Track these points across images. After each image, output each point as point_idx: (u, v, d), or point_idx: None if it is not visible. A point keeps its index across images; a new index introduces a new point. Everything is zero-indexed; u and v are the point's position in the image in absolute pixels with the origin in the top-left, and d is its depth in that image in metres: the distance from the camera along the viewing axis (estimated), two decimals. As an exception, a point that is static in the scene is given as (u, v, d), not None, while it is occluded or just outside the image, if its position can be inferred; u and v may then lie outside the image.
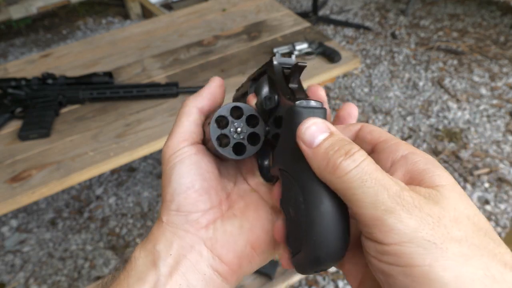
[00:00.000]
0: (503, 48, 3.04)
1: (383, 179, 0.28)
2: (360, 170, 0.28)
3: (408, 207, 0.27)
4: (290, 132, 0.33)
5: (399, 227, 0.26)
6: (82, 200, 2.21)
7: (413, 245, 0.26)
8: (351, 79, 2.90)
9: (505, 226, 1.99)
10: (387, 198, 0.27)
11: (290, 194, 0.33)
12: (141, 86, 1.43)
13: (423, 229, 0.26)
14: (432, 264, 0.25)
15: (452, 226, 0.26)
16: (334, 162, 0.29)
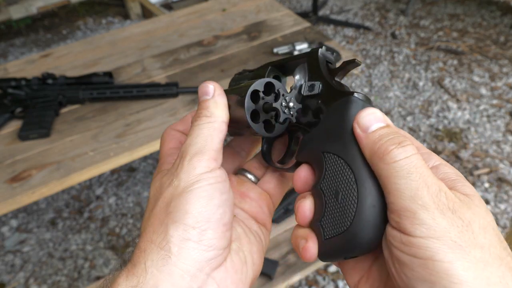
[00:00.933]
0: (503, 48, 3.04)
1: (428, 176, 0.30)
2: (409, 162, 0.30)
3: (442, 208, 0.29)
4: (342, 119, 0.35)
5: (431, 223, 0.28)
6: (82, 200, 2.21)
7: (439, 242, 0.28)
8: (351, 79, 2.90)
9: (505, 226, 1.99)
10: (426, 194, 0.29)
11: (337, 179, 0.34)
12: (141, 86, 1.43)
13: (452, 230, 0.28)
14: (453, 262, 0.27)
15: (479, 233, 0.28)
16: (386, 148, 0.31)
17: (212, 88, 0.41)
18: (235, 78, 0.48)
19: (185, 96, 1.46)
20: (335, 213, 0.34)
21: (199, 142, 0.37)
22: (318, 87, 0.38)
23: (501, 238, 0.29)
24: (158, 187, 0.38)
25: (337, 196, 0.34)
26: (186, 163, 0.36)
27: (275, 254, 1.52)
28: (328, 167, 0.35)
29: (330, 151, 0.35)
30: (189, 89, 1.45)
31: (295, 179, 0.39)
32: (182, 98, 1.45)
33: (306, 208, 0.36)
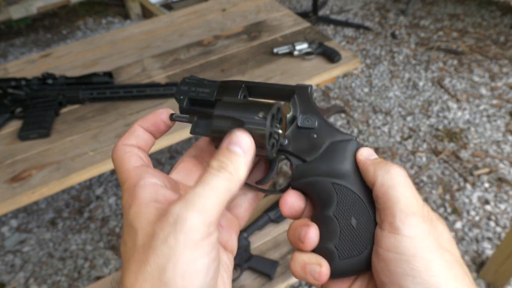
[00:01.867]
0: (503, 48, 3.04)
1: (416, 193, 0.38)
2: (406, 180, 0.38)
3: (424, 218, 0.36)
4: (348, 157, 0.41)
5: (418, 227, 0.35)
6: (82, 200, 2.21)
7: (423, 243, 0.35)
8: (351, 79, 2.90)
9: (505, 226, 1.99)
10: (416, 204, 0.37)
11: (350, 206, 0.40)
12: (141, 86, 1.43)
13: (431, 235, 0.36)
14: (432, 260, 0.34)
15: (446, 242, 0.37)
16: (391, 165, 0.39)
17: (249, 146, 0.38)
18: (186, 82, 0.46)
19: (185, 96, 1.46)
20: (352, 237, 0.39)
21: (210, 201, 0.34)
22: (314, 121, 0.43)
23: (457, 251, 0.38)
24: (149, 231, 0.33)
25: (352, 221, 0.39)
26: (190, 218, 0.32)
27: (275, 254, 1.52)
28: (340, 196, 0.40)
29: (339, 183, 0.40)
30: (189, 89, 1.45)
31: (284, 203, 0.42)
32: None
33: (314, 235, 0.39)
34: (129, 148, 0.41)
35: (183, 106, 0.45)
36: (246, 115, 0.40)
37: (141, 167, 0.39)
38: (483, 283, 1.81)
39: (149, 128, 0.43)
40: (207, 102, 0.44)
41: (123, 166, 0.39)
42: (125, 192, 0.37)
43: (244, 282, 1.46)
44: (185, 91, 0.45)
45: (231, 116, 0.41)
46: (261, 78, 1.51)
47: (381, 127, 2.53)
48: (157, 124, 0.43)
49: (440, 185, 2.19)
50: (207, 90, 0.44)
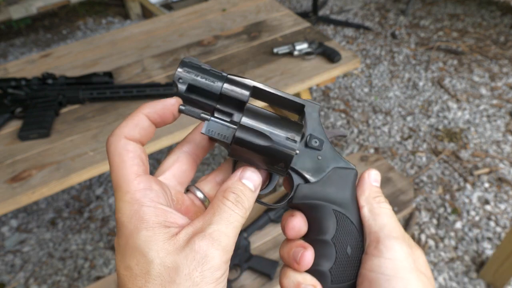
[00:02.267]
0: (503, 48, 3.04)
1: (398, 223, 0.42)
2: (391, 212, 0.43)
3: (405, 243, 0.40)
4: (349, 186, 0.43)
5: (398, 249, 0.39)
6: (82, 200, 2.21)
7: (402, 264, 0.39)
8: (351, 79, 2.90)
9: (505, 226, 1.99)
10: (398, 231, 0.41)
11: (346, 234, 0.42)
12: (141, 86, 1.43)
13: (410, 259, 0.39)
14: (410, 280, 0.38)
15: (422, 265, 0.40)
16: (381, 198, 0.43)
17: (259, 184, 0.40)
18: (187, 64, 0.42)
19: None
20: (346, 264, 0.41)
21: (231, 239, 0.35)
22: (322, 144, 0.43)
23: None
24: (169, 263, 0.33)
25: (347, 249, 0.41)
26: (217, 257, 0.34)
27: (275, 254, 1.52)
28: (340, 224, 0.42)
29: (341, 211, 0.42)
30: (189, 89, 1.45)
31: (294, 225, 0.42)
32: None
33: (310, 258, 0.41)
34: (132, 145, 0.38)
35: (182, 91, 0.41)
36: (275, 132, 0.40)
37: (144, 179, 0.37)
38: (483, 283, 1.80)
39: (154, 118, 0.40)
40: (211, 94, 0.41)
41: (122, 170, 0.37)
42: (125, 206, 0.35)
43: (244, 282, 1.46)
44: (185, 75, 0.41)
45: (260, 130, 0.39)
46: (261, 78, 1.51)
47: (381, 127, 2.53)
48: (164, 115, 0.40)
49: (440, 185, 2.19)
50: (212, 82, 0.41)
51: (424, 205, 2.10)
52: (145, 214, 0.35)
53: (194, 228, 0.35)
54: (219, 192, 0.38)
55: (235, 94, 0.41)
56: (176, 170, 0.42)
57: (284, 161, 0.40)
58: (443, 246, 1.94)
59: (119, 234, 0.36)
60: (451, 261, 1.88)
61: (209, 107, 0.42)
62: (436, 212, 2.07)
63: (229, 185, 0.38)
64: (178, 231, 0.35)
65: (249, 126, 0.40)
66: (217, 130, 0.41)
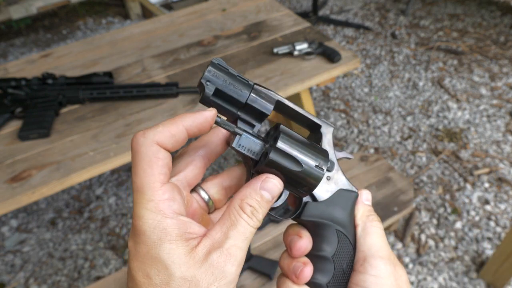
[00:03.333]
0: (503, 48, 3.04)
1: (387, 242, 0.45)
2: (381, 231, 0.46)
3: (390, 262, 0.43)
4: (350, 208, 0.46)
5: (382, 268, 0.43)
6: (82, 200, 2.21)
7: (384, 281, 0.42)
8: (351, 79, 2.90)
9: (505, 226, 1.99)
10: (385, 251, 0.44)
11: (344, 253, 0.44)
12: (141, 86, 1.43)
13: (392, 277, 0.43)
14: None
15: (404, 282, 0.44)
16: (373, 218, 0.46)
17: (278, 193, 0.41)
18: (216, 66, 0.40)
19: (185, 96, 1.46)
20: (341, 280, 0.44)
21: (245, 252, 0.37)
22: (333, 166, 0.45)
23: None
24: (189, 277, 0.35)
25: (343, 266, 0.44)
26: (233, 272, 0.36)
27: (275, 254, 1.52)
28: (340, 244, 0.44)
29: (342, 231, 0.44)
30: (189, 89, 1.45)
31: (301, 246, 0.44)
32: (182, 98, 1.45)
33: (309, 274, 0.43)
34: (163, 153, 0.37)
35: (209, 95, 0.39)
36: (306, 159, 0.41)
37: (169, 189, 0.37)
38: (483, 283, 1.81)
39: (193, 131, 0.39)
40: (236, 102, 0.40)
41: (149, 176, 0.36)
42: (148, 214, 0.36)
43: (244, 282, 1.46)
44: (213, 78, 0.39)
45: (294, 155, 0.40)
46: (261, 78, 1.51)
47: (381, 127, 2.53)
48: (203, 128, 0.39)
49: (440, 185, 2.19)
50: (239, 89, 0.40)
51: (424, 205, 2.10)
52: (168, 226, 0.36)
53: (212, 241, 0.36)
54: (235, 200, 0.38)
55: (259, 106, 0.41)
56: (189, 173, 0.42)
57: (308, 186, 0.42)
58: (443, 246, 1.94)
59: (138, 241, 0.36)
60: (451, 261, 1.88)
61: (231, 115, 0.41)
62: (436, 212, 2.07)
63: (246, 195, 0.38)
64: (197, 243, 0.36)
65: (283, 149, 0.40)
66: (248, 145, 0.41)
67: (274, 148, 0.40)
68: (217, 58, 0.40)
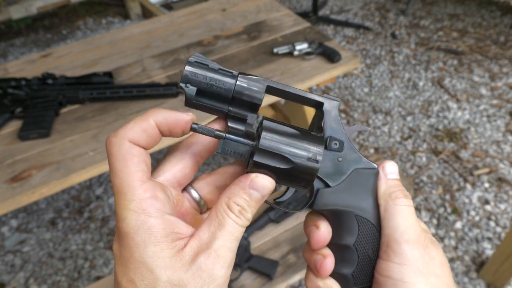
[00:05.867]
0: (503, 48, 3.04)
1: (416, 221, 0.41)
2: (408, 209, 0.40)
3: (418, 244, 0.39)
4: (371, 188, 0.41)
5: (408, 253, 0.38)
6: (82, 200, 2.21)
7: (409, 269, 0.38)
8: (351, 79, 2.90)
9: (505, 226, 1.99)
10: (412, 232, 0.39)
11: (368, 238, 0.41)
12: (141, 86, 1.43)
13: (420, 261, 0.39)
14: (415, 284, 0.38)
15: (437, 266, 0.39)
16: (398, 194, 0.41)
17: (270, 191, 0.38)
18: (194, 64, 0.38)
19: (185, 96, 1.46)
20: (367, 267, 0.41)
21: (234, 253, 0.36)
22: (342, 145, 0.41)
23: (451, 273, 0.41)
24: (176, 281, 0.33)
25: (369, 252, 0.41)
26: (223, 274, 0.34)
27: (275, 254, 1.52)
28: (361, 229, 0.41)
29: (363, 216, 0.41)
30: (189, 89, 1.45)
31: (319, 238, 0.41)
32: (182, 98, 1.45)
33: (329, 266, 0.41)
34: (136, 150, 0.36)
35: (192, 97, 0.38)
36: (296, 153, 0.38)
37: (149, 186, 0.36)
38: (483, 283, 1.80)
39: (163, 128, 0.37)
40: (222, 97, 0.38)
41: (126, 175, 0.35)
42: (131, 214, 0.34)
43: (244, 282, 1.46)
44: (193, 79, 0.37)
45: (280, 153, 0.37)
46: (261, 78, 1.51)
47: (381, 127, 2.53)
48: (174, 129, 0.38)
49: (440, 185, 2.19)
50: (223, 84, 0.37)
51: (424, 205, 2.10)
52: (152, 227, 0.34)
53: (199, 242, 0.35)
54: (222, 198, 0.37)
55: (248, 97, 0.38)
56: (178, 172, 0.40)
57: (305, 181, 0.39)
58: (443, 246, 1.94)
59: (121, 244, 0.34)
60: (451, 261, 1.88)
61: (220, 112, 0.39)
62: (436, 212, 2.07)
63: (234, 193, 0.37)
64: (184, 244, 0.35)
65: (268, 149, 0.37)
66: (233, 148, 0.38)
67: (257, 150, 0.37)
68: (196, 54, 0.38)
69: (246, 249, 1.50)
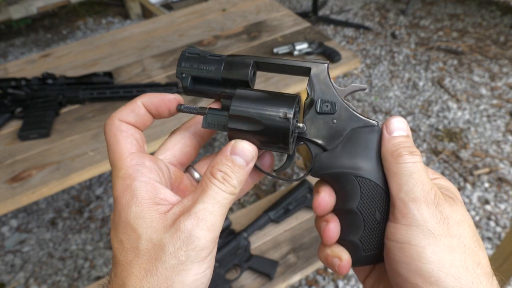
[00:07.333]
0: (503, 48, 3.04)
1: (425, 177, 0.37)
2: (413, 166, 0.37)
3: (428, 202, 0.36)
4: (371, 146, 0.39)
5: (415, 213, 0.35)
6: (82, 200, 2.21)
7: (417, 230, 0.35)
8: (351, 79, 2.90)
9: (505, 226, 1.99)
10: (419, 190, 0.36)
11: (373, 200, 0.39)
12: (141, 86, 1.43)
13: (431, 221, 0.35)
14: (425, 247, 0.34)
15: (452, 225, 0.35)
16: (401, 152, 0.38)
17: (252, 156, 0.38)
18: (187, 57, 0.42)
19: (185, 96, 1.46)
20: (376, 231, 0.39)
21: (218, 218, 0.35)
22: (334, 106, 0.41)
23: (474, 232, 0.36)
24: (156, 240, 0.34)
25: (376, 215, 0.38)
26: (202, 237, 0.34)
27: (275, 254, 1.52)
28: (364, 190, 0.39)
29: (364, 176, 0.39)
30: (189, 89, 1.45)
31: (320, 203, 0.40)
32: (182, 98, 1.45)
33: (334, 231, 0.40)
34: (125, 126, 0.39)
35: (187, 85, 0.42)
36: (265, 114, 0.38)
37: (137, 156, 0.38)
38: (483, 283, 1.80)
39: (150, 108, 0.41)
40: (214, 81, 0.41)
41: (117, 148, 0.38)
42: (119, 181, 0.36)
43: (244, 282, 1.46)
44: (186, 68, 0.42)
45: (250, 116, 0.38)
46: (260, 78, 1.51)
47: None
48: (160, 109, 0.41)
49: (440, 185, 2.19)
50: (212, 68, 0.41)
51: (424, 205, 2.10)
52: (135, 189, 0.35)
53: (182, 207, 0.35)
54: (207, 170, 0.38)
55: (236, 75, 0.41)
56: (178, 152, 0.42)
57: (281, 141, 0.39)
58: (443, 246, 1.93)
59: (114, 209, 0.37)
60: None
61: (216, 95, 0.42)
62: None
63: (217, 162, 0.37)
64: (168, 209, 0.35)
65: (237, 114, 0.39)
66: (216, 121, 0.41)
67: (229, 116, 0.39)
68: (190, 47, 0.43)
69: (246, 249, 1.51)
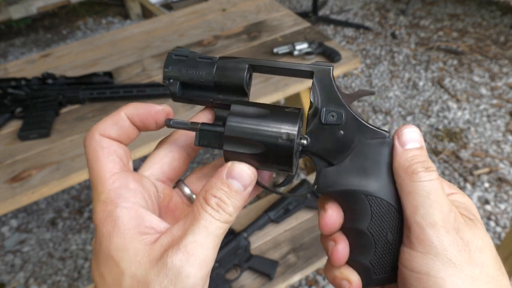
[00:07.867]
0: (503, 48, 3.04)
1: (443, 198, 0.33)
2: (430, 184, 0.33)
3: (448, 227, 0.32)
4: (382, 160, 0.35)
5: (434, 241, 0.31)
6: (82, 200, 2.21)
7: (436, 259, 0.31)
8: (351, 79, 2.90)
9: (505, 226, 1.99)
10: (437, 213, 0.32)
11: (385, 220, 0.35)
12: (141, 86, 1.43)
13: (451, 249, 0.31)
14: (445, 278, 0.31)
15: (475, 252, 0.32)
16: (415, 168, 0.33)
17: (251, 180, 0.34)
18: (174, 60, 0.37)
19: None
20: (388, 252, 0.35)
21: (210, 251, 0.31)
22: (340, 116, 0.36)
23: (497, 259, 0.33)
24: (141, 277, 0.30)
25: (387, 236, 0.35)
26: (192, 274, 0.30)
27: (275, 254, 1.52)
28: (375, 210, 0.35)
29: (374, 194, 0.35)
30: (189, 89, 1.45)
31: (326, 222, 0.36)
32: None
33: (344, 252, 0.36)
34: (106, 142, 0.35)
35: (175, 91, 0.37)
36: (266, 135, 0.34)
37: (120, 176, 0.34)
38: (483, 283, 1.80)
39: (135, 120, 0.36)
40: (205, 86, 0.37)
41: (97, 167, 0.34)
42: (100, 206, 0.32)
43: (244, 282, 1.46)
44: (174, 74, 0.37)
45: (248, 138, 0.34)
46: (260, 78, 1.51)
47: (381, 127, 2.53)
48: (147, 121, 0.37)
49: (440, 185, 2.19)
50: (203, 72, 0.36)
51: (424, 205, 2.10)
52: (118, 218, 0.31)
53: (171, 238, 0.31)
54: (200, 193, 0.33)
55: (230, 80, 0.36)
56: (166, 166, 0.38)
57: (284, 163, 0.34)
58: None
59: (95, 236, 0.33)
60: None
61: (208, 102, 0.38)
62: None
63: (211, 186, 0.33)
64: (155, 239, 0.31)
65: (234, 135, 0.34)
66: (210, 139, 0.36)
67: (224, 138, 0.34)
68: (178, 49, 0.38)
69: (246, 249, 1.51)
